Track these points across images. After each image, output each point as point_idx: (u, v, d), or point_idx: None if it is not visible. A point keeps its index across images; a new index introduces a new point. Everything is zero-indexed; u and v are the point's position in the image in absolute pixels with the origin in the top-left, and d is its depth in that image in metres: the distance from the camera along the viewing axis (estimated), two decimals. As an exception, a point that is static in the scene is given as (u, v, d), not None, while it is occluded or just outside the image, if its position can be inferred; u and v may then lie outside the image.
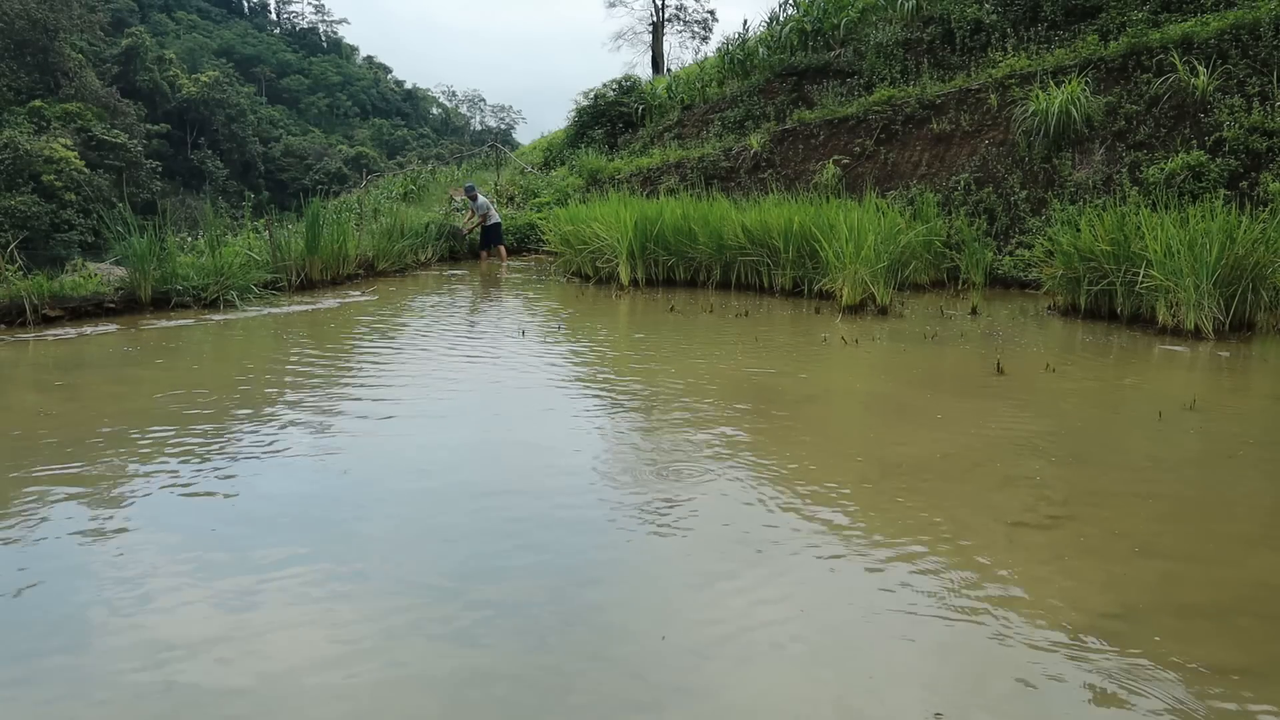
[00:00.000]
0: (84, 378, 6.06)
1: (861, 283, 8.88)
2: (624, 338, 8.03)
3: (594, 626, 2.65)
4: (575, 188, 17.52)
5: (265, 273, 10.05)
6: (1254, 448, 4.43)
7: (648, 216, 11.31)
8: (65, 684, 2.34)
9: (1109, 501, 3.64)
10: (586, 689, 2.32)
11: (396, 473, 4.08)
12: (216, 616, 2.67)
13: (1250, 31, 10.48)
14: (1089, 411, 5.28)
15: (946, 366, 6.51)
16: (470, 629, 2.61)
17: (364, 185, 19.37)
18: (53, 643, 2.53)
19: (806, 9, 17.84)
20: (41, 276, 8.26)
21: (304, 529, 3.36)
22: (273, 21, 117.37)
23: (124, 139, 56.06)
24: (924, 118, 13.11)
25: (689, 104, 19.07)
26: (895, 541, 3.21)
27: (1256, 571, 3.02)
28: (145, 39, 73.39)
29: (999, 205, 11.69)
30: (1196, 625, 2.63)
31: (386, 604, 2.76)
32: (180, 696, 2.28)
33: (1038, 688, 2.32)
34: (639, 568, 3.07)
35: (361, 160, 72.02)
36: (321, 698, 2.28)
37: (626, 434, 4.73)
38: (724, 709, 2.25)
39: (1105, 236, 8.20)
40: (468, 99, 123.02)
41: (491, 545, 3.22)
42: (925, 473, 3.97)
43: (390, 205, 17.20)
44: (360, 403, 5.34)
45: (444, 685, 2.34)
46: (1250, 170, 9.82)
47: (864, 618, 2.68)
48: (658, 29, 39.67)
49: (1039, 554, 3.12)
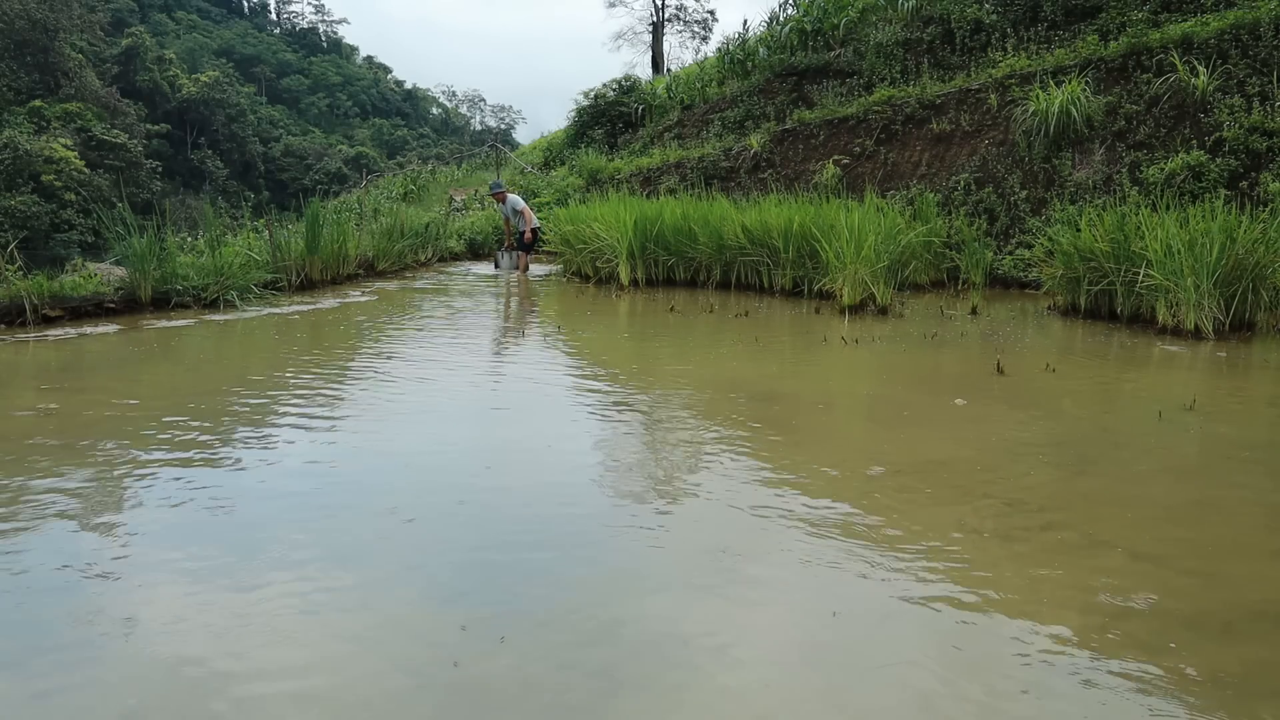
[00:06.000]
0: (84, 378, 6.06)
1: (861, 283, 8.88)
2: (623, 338, 8.03)
3: (583, 625, 2.65)
4: (575, 188, 17.53)
5: (265, 273, 10.05)
6: (1254, 449, 4.43)
7: (648, 216, 11.32)
8: (65, 683, 2.34)
9: (1108, 503, 3.64)
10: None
11: (396, 472, 4.08)
12: (216, 615, 2.67)
13: (1250, 31, 10.48)
14: (1089, 411, 5.28)
15: (946, 367, 6.51)
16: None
17: (364, 185, 19.38)
18: (47, 642, 2.52)
19: (806, 9, 17.85)
20: (41, 276, 8.25)
21: (304, 528, 3.36)
22: (273, 21, 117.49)
23: (124, 139, 56.12)
24: (924, 118, 13.12)
25: (689, 104, 19.08)
26: (894, 542, 3.21)
27: (1257, 576, 3.02)
28: (145, 39, 73.47)
29: (999, 205, 11.70)
30: (1196, 631, 2.63)
31: (383, 594, 2.76)
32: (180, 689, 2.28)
33: (1032, 692, 2.31)
34: (628, 568, 3.07)
35: (361, 160, 72.10)
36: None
37: (626, 434, 4.72)
38: (713, 703, 2.25)
39: (1105, 236, 8.21)
40: (468, 99, 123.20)
41: (487, 545, 3.22)
42: (924, 473, 3.96)
43: (390, 205, 17.24)
44: (360, 402, 5.34)
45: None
46: (1250, 170, 9.82)
47: (851, 622, 2.68)
48: (658, 29, 39.71)
49: (1038, 556, 3.12)
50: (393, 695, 2.29)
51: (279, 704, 2.25)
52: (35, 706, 2.24)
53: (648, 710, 2.24)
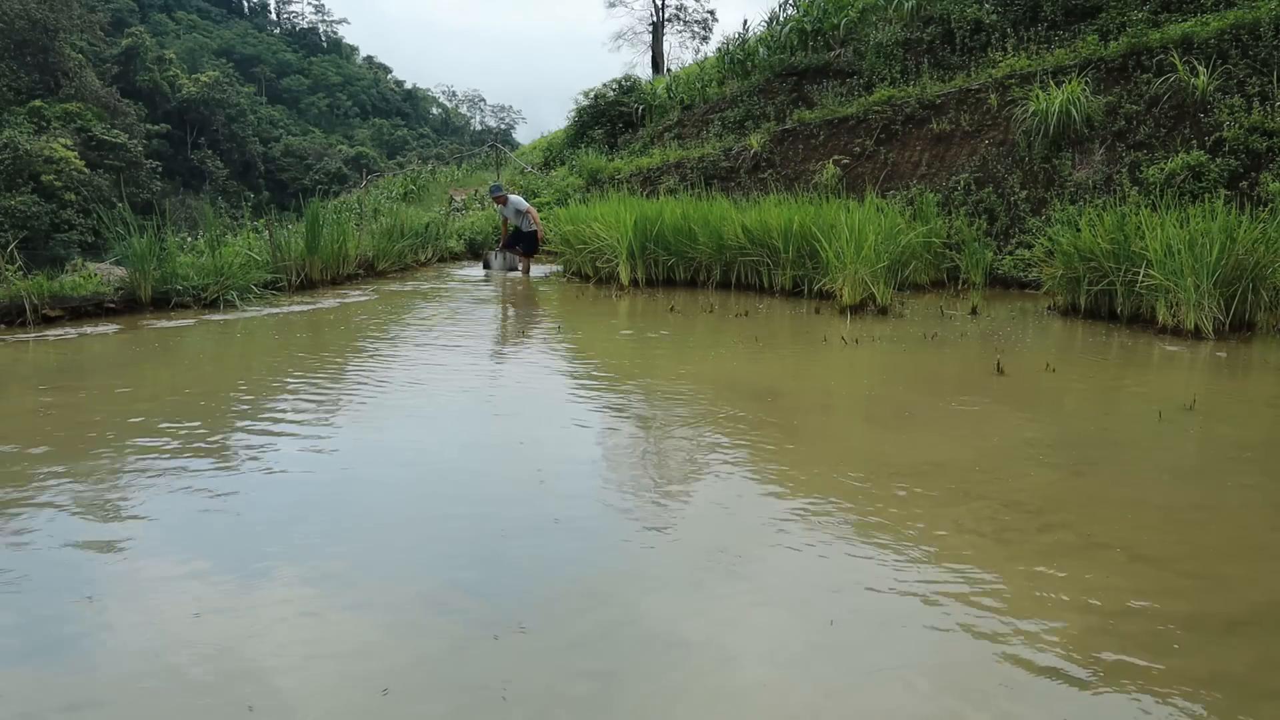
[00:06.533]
0: (84, 377, 6.06)
1: (861, 283, 8.88)
2: (623, 338, 8.03)
3: (578, 625, 2.64)
4: (575, 188, 17.53)
5: (265, 273, 10.05)
6: (1254, 449, 4.43)
7: (648, 216, 11.32)
8: (64, 682, 2.34)
9: (1108, 503, 3.64)
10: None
11: (395, 472, 4.08)
12: (214, 615, 2.67)
13: (1250, 31, 10.48)
14: (1089, 412, 5.28)
15: (946, 367, 6.51)
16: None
17: (364, 185, 19.39)
18: (51, 637, 2.53)
19: (806, 9, 17.85)
20: (41, 276, 8.26)
21: (303, 528, 3.36)
22: (273, 21, 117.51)
23: (124, 139, 56.14)
24: (924, 118, 13.11)
25: (689, 104, 19.07)
26: (893, 543, 3.21)
27: (1257, 577, 3.02)
28: (145, 39, 73.51)
29: (999, 205, 11.69)
30: (1197, 632, 2.63)
31: (382, 589, 2.77)
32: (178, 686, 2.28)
33: (1032, 694, 2.31)
34: (627, 569, 3.07)
35: (361, 160, 72.13)
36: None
37: (626, 434, 4.72)
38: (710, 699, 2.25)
39: (1105, 236, 8.20)
40: (468, 99, 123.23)
41: (485, 545, 3.22)
42: (923, 473, 3.96)
43: (390, 205, 17.24)
44: (360, 402, 5.34)
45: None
46: (1250, 170, 9.82)
47: (849, 623, 2.68)
48: (658, 29, 39.73)
49: (1037, 557, 3.12)
50: (392, 694, 2.29)
51: (274, 702, 2.25)
52: (36, 704, 2.24)
53: (646, 710, 2.24)
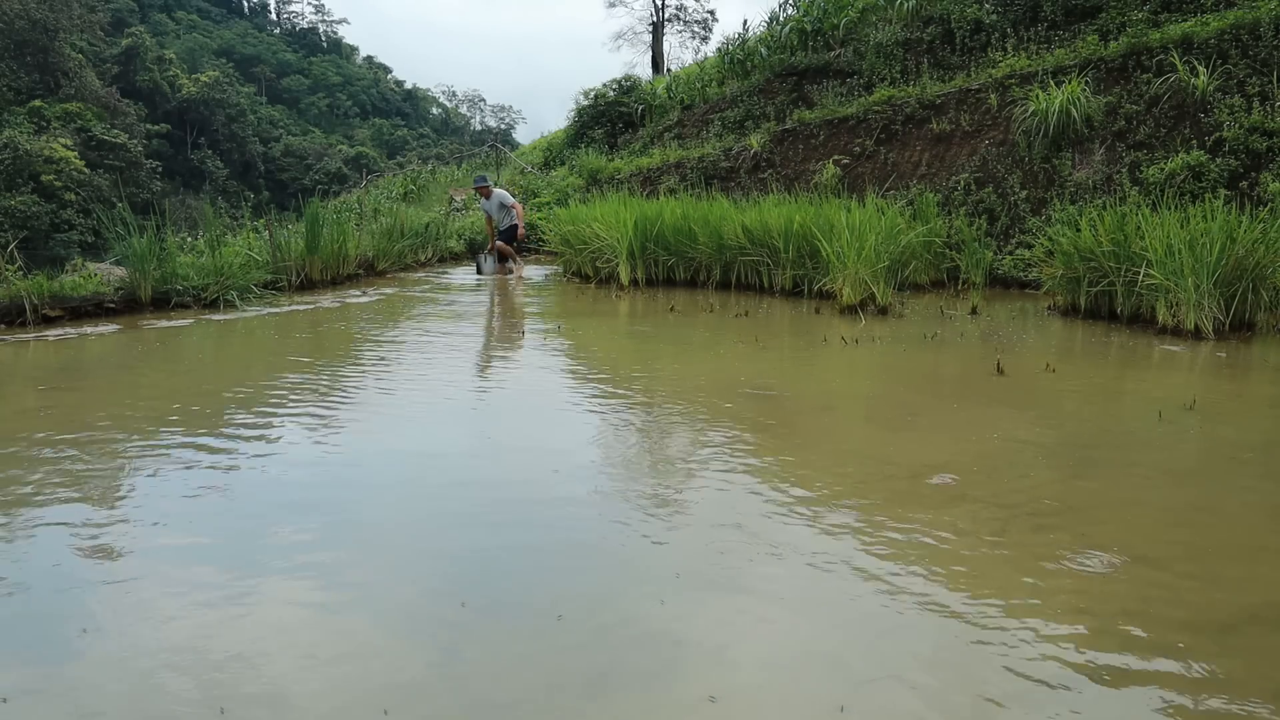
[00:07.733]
0: (84, 377, 6.06)
1: (862, 283, 8.88)
2: (624, 338, 8.03)
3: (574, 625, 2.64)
4: (575, 188, 17.55)
5: (265, 273, 10.06)
6: (1254, 450, 4.43)
7: (648, 216, 11.32)
8: (64, 681, 2.34)
9: (1108, 504, 3.64)
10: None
11: (394, 472, 4.08)
12: (213, 613, 2.66)
13: (1250, 31, 10.48)
14: (1089, 412, 5.28)
15: (946, 367, 6.51)
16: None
17: (364, 185, 19.39)
18: (49, 637, 2.52)
19: (806, 9, 17.85)
20: (41, 276, 8.26)
21: (301, 527, 3.36)
22: (273, 21, 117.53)
23: (124, 139, 56.14)
24: (924, 118, 13.11)
25: (689, 104, 19.08)
26: (892, 544, 3.21)
27: (1257, 577, 3.01)
28: (145, 39, 73.52)
29: (999, 205, 11.70)
30: (1196, 633, 2.63)
31: (381, 581, 2.77)
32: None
33: (1031, 696, 2.31)
34: (626, 569, 3.07)
35: (361, 160, 72.12)
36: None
37: (625, 434, 4.72)
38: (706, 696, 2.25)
39: (1105, 236, 8.20)
40: (468, 99, 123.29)
41: (483, 545, 3.22)
42: (922, 474, 3.96)
43: (390, 205, 17.26)
44: (360, 402, 5.34)
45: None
46: (1250, 170, 9.82)
47: (848, 625, 2.68)
48: (658, 29, 39.75)
49: (1036, 558, 3.12)
50: (391, 692, 2.28)
51: (267, 702, 2.25)
52: (36, 702, 2.24)
53: (644, 710, 2.24)
